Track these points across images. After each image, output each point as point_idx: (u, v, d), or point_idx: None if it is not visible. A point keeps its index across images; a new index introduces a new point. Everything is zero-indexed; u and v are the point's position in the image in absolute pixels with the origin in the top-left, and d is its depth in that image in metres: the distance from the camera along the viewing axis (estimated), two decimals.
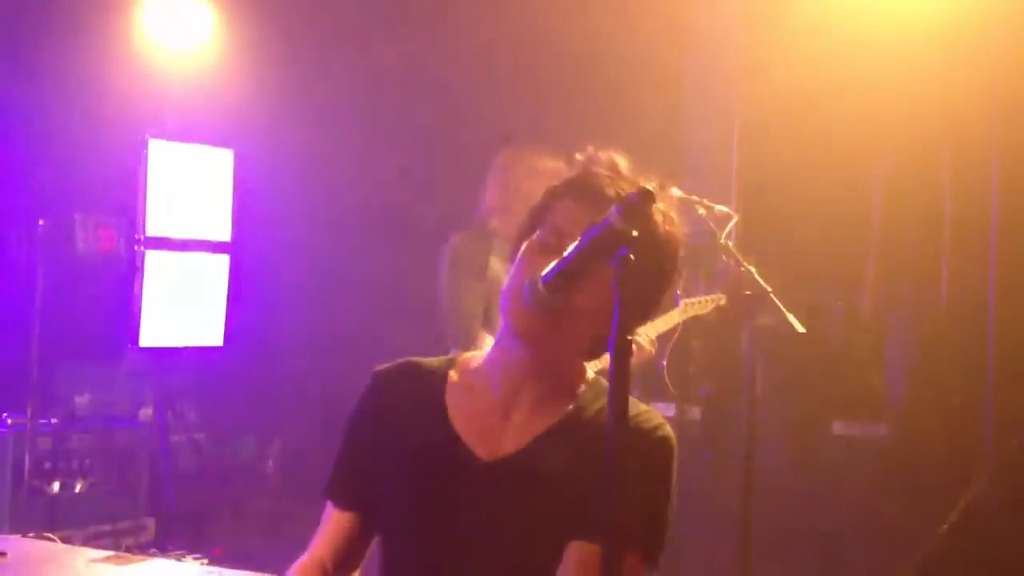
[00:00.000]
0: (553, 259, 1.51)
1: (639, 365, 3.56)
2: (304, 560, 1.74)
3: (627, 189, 1.59)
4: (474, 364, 1.77)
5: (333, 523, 1.77)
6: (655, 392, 5.05)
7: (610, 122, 5.03)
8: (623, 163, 1.69)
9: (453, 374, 1.76)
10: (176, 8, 5.41)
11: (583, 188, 1.66)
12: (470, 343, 3.48)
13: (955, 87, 4.47)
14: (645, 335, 3.68)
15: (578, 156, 1.72)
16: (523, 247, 1.67)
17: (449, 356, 1.81)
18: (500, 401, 1.70)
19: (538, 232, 1.66)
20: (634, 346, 3.56)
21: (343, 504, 1.77)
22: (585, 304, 1.58)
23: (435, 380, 1.75)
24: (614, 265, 1.38)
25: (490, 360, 1.74)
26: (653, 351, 3.75)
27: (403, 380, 1.77)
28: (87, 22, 5.21)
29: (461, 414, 1.71)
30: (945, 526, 3.89)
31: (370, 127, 5.88)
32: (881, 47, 4.67)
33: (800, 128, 5.02)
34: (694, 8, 5.77)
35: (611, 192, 1.62)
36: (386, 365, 1.80)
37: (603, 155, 1.70)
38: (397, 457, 1.72)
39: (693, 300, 3.85)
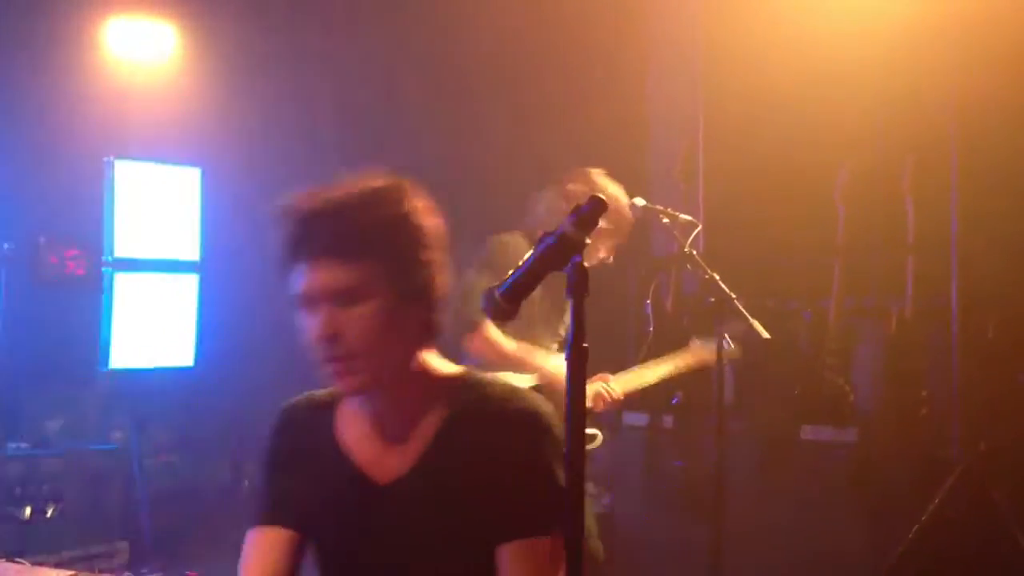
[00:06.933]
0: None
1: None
2: None
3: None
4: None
5: (261, 548, 1.75)
6: (628, 400, 5.04)
7: (577, 133, 5.05)
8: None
9: (342, 403, 1.79)
10: (140, 27, 5.39)
11: None
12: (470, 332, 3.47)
13: (915, 95, 4.55)
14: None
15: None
16: None
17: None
18: (377, 423, 1.72)
19: None
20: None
21: (280, 521, 1.76)
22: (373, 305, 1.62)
23: (326, 413, 1.79)
24: (567, 272, 1.41)
25: None
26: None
27: (301, 417, 1.81)
28: (50, 42, 5.18)
29: (352, 442, 1.74)
30: (914, 528, 3.93)
31: (338, 142, 5.87)
32: (843, 56, 4.74)
33: (764, 136, 5.07)
34: (658, 16, 5.82)
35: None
36: (291, 401, 1.84)
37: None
38: (307, 495, 1.74)
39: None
